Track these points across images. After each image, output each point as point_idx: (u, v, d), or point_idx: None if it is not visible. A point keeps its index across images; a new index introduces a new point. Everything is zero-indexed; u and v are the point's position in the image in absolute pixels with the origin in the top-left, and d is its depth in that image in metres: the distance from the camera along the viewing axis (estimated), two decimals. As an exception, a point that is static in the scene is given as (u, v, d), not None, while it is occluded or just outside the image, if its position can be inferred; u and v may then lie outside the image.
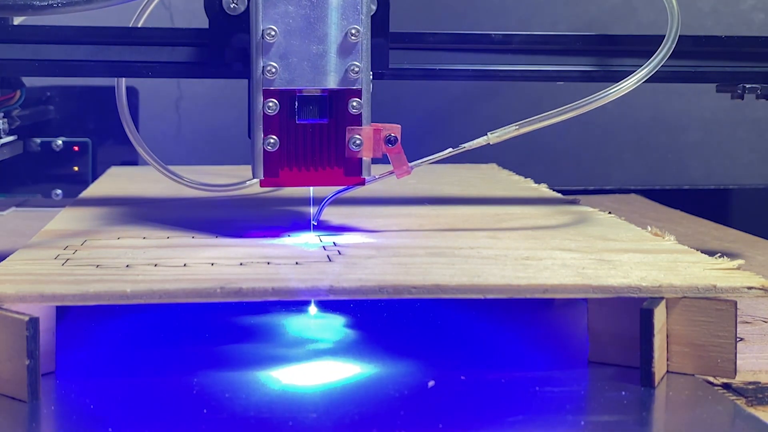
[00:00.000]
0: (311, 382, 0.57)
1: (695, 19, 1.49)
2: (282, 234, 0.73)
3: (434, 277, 0.58)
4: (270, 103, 0.68)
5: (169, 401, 0.54)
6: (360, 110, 0.68)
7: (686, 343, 0.58)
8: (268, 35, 0.67)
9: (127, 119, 0.86)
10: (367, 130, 0.69)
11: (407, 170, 0.71)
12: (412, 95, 1.48)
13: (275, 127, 0.68)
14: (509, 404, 0.54)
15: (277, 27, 0.67)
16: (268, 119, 0.68)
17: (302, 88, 0.68)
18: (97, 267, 0.61)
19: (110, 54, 0.74)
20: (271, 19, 0.67)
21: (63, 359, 0.59)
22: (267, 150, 0.68)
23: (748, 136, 1.54)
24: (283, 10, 0.67)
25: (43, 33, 0.74)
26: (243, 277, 0.59)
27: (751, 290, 0.58)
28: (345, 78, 0.68)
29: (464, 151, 0.72)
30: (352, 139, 0.69)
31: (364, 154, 0.69)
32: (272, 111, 0.68)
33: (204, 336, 0.66)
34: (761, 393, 0.56)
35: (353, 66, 0.68)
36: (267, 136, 0.68)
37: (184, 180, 0.91)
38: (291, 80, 0.68)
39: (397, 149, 0.69)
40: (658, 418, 0.54)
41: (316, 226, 0.75)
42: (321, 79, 0.68)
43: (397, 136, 0.69)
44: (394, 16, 0.73)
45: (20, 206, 1.26)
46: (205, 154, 1.45)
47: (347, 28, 0.68)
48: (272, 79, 0.67)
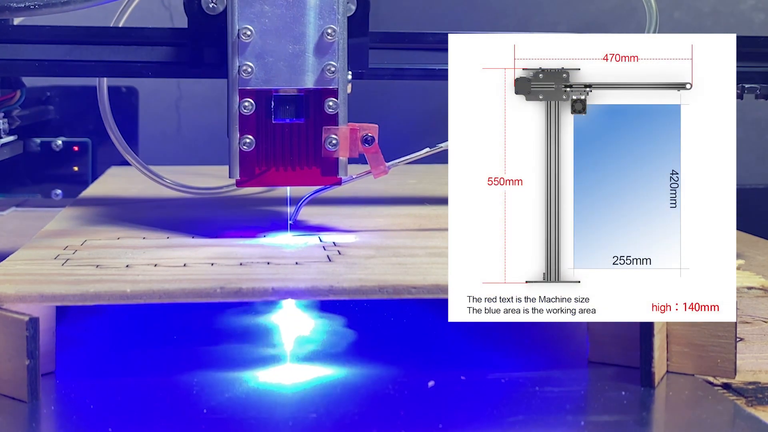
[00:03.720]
0: (311, 382, 0.57)
1: (695, 19, 1.49)
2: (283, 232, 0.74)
3: (434, 277, 0.58)
4: (246, 103, 0.68)
5: (168, 401, 0.54)
6: (336, 110, 0.68)
7: (686, 343, 0.58)
8: (244, 35, 0.67)
9: (109, 119, 0.86)
10: (344, 129, 0.69)
11: (384, 170, 0.71)
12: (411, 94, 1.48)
13: (251, 127, 0.68)
14: (509, 404, 0.54)
15: (252, 27, 0.67)
16: (244, 119, 0.68)
17: (278, 88, 0.68)
18: (97, 267, 0.61)
19: (88, 54, 0.74)
20: (246, 18, 0.67)
21: (63, 359, 0.59)
22: (243, 150, 0.68)
23: (748, 136, 1.54)
24: (258, 9, 0.67)
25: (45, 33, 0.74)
26: (243, 277, 0.59)
27: (751, 290, 0.58)
28: (321, 77, 0.68)
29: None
30: (329, 138, 0.69)
31: (341, 153, 0.69)
32: (248, 111, 0.68)
33: (204, 336, 0.66)
34: (761, 393, 0.56)
35: (329, 66, 0.68)
36: (243, 135, 0.68)
37: (165, 181, 0.91)
38: (267, 80, 0.68)
39: (374, 149, 0.69)
40: (658, 418, 0.54)
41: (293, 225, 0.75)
42: (297, 79, 0.68)
43: (374, 135, 0.69)
44: (393, 16, 0.73)
45: (20, 206, 1.26)
46: (205, 154, 1.45)
47: (324, 27, 0.68)
48: (248, 78, 0.67)
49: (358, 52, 0.72)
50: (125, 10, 0.80)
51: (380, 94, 1.45)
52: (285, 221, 0.77)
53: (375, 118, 0.72)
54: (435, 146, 0.73)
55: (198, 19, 0.71)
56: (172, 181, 0.92)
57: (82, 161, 1.25)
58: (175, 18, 1.43)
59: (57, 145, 1.24)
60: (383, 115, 1.36)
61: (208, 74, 0.73)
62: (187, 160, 1.34)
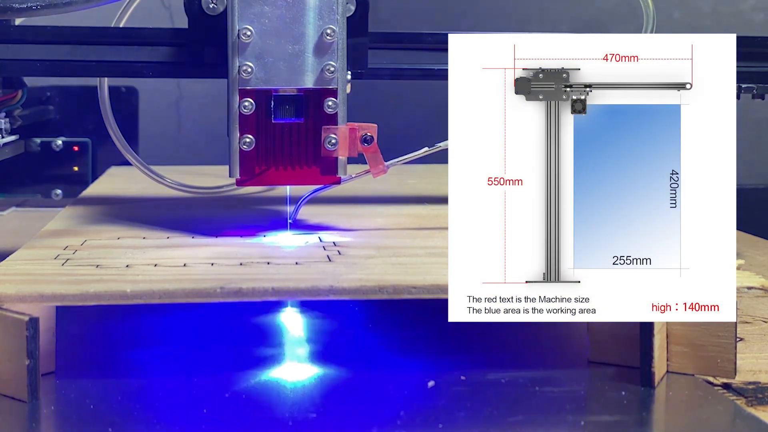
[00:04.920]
0: (311, 382, 0.57)
1: (695, 19, 1.49)
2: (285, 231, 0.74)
3: (434, 277, 0.58)
4: (246, 103, 0.68)
5: (168, 401, 0.54)
6: (336, 110, 0.69)
7: (686, 343, 0.58)
8: (244, 35, 0.67)
9: (110, 119, 0.86)
10: (343, 129, 0.69)
11: (383, 169, 0.71)
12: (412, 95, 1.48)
13: (251, 127, 0.68)
14: (509, 404, 0.54)
15: (252, 27, 0.67)
16: (244, 118, 0.68)
17: (278, 88, 0.68)
18: (97, 267, 0.61)
19: (88, 54, 0.74)
20: (246, 19, 0.67)
21: (63, 359, 0.59)
22: (243, 149, 0.68)
23: (748, 136, 1.54)
24: (258, 10, 0.67)
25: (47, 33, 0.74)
26: (243, 277, 0.59)
27: (751, 290, 0.58)
28: (321, 77, 0.68)
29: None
30: (328, 138, 0.69)
31: (340, 153, 0.69)
32: (248, 110, 0.68)
33: (203, 336, 0.66)
34: (761, 393, 0.56)
35: (329, 66, 0.68)
36: (243, 135, 0.68)
37: (165, 180, 0.92)
38: (267, 80, 0.68)
39: (373, 148, 0.69)
40: (658, 418, 0.54)
41: (292, 224, 0.75)
42: (297, 79, 0.68)
43: (373, 135, 0.69)
44: (393, 16, 0.73)
45: (20, 206, 1.26)
46: (205, 154, 1.45)
47: (323, 28, 0.68)
48: (248, 78, 0.68)
49: (358, 52, 0.72)
50: (126, 11, 0.80)
51: (381, 94, 1.45)
52: (285, 220, 0.77)
53: (375, 118, 0.72)
54: (434, 146, 0.73)
55: (198, 19, 0.71)
56: (171, 180, 0.92)
57: (82, 161, 1.25)
58: (175, 18, 1.43)
59: (57, 145, 1.24)
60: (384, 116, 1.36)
61: (208, 74, 0.73)
62: (187, 160, 1.34)
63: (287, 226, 0.75)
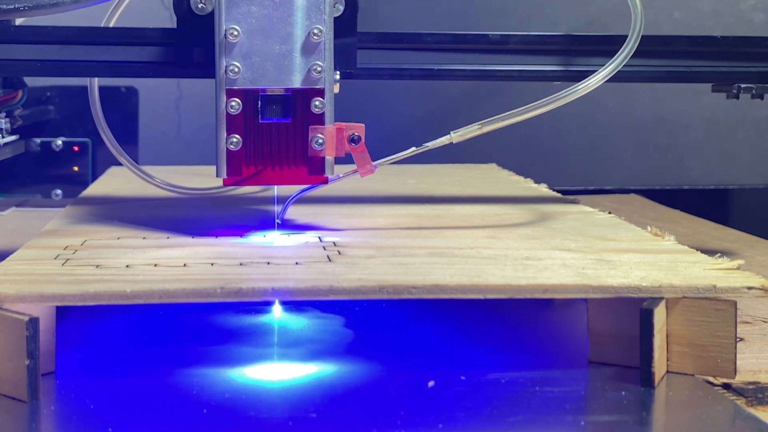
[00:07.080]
0: (311, 382, 0.57)
1: (695, 19, 1.49)
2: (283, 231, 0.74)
3: (434, 277, 0.58)
4: (233, 103, 0.68)
5: (168, 401, 0.54)
6: (323, 109, 0.69)
7: (686, 343, 0.58)
8: (231, 35, 0.67)
9: (100, 119, 0.87)
10: (330, 129, 0.69)
11: (371, 169, 0.71)
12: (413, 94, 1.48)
13: (238, 127, 0.68)
14: (509, 404, 0.54)
15: (239, 27, 0.67)
16: (231, 118, 0.68)
17: (265, 88, 0.68)
18: (97, 267, 0.61)
19: (77, 54, 0.74)
20: (233, 18, 0.67)
21: (63, 359, 0.59)
22: (230, 149, 0.69)
23: (748, 136, 1.54)
24: (245, 10, 0.67)
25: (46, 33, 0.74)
26: (243, 277, 0.59)
27: (751, 290, 0.58)
28: (308, 77, 0.68)
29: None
30: (315, 138, 0.69)
31: (327, 153, 0.69)
32: (235, 110, 0.68)
33: (204, 336, 0.66)
34: (761, 393, 0.56)
35: (316, 65, 0.68)
36: (230, 135, 0.68)
37: (156, 181, 0.92)
38: (254, 80, 0.68)
39: (360, 148, 0.70)
40: (658, 418, 0.54)
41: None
42: (284, 79, 0.68)
43: (361, 135, 0.69)
44: (392, 16, 0.73)
45: (20, 206, 1.26)
46: (205, 154, 1.45)
47: (310, 28, 0.68)
48: (235, 78, 0.68)
49: (346, 52, 0.73)
50: (115, 11, 0.80)
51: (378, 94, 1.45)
52: (285, 220, 0.77)
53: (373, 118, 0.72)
54: (421, 146, 0.73)
55: (187, 19, 0.72)
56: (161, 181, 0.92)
57: (82, 161, 1.25)
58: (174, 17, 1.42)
59: (57, 145, 1.24)
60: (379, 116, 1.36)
61: (196, 74, 0.74)
62: (187, 160, 1.35)
63: (286, 227, 0.75)
